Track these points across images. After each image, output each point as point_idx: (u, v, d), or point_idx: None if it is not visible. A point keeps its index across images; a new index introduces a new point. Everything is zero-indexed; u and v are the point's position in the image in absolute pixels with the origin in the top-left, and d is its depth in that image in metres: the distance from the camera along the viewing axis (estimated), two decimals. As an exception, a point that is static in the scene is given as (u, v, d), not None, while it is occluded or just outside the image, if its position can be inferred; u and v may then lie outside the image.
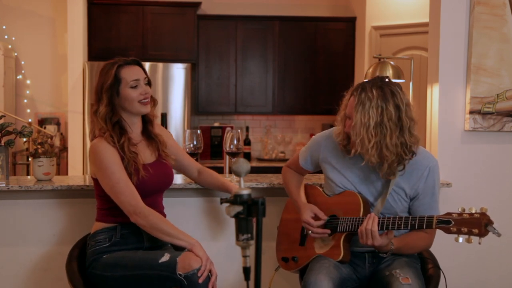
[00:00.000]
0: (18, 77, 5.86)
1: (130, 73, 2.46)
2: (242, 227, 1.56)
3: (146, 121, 2.59)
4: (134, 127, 2.55)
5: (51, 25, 5.88)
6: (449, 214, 2.18)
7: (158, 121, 2.73)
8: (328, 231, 2.46)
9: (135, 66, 2.51)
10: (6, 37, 5.79)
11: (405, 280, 2.25)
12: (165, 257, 2.31)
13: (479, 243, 2.12)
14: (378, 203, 2.40)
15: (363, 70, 5.52)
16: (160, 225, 2.38)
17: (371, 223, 2.26)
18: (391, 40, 5.52)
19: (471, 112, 3.18)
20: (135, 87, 2.46)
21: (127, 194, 2.38)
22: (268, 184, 2.93)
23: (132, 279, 2.35)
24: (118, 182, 2.39)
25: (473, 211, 2.14)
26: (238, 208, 1.55)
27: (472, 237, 2.12)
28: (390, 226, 2.28)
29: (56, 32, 5.89)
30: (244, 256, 1.57)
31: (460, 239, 2.14)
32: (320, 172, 2.65)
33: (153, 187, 2.51)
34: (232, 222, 2.65)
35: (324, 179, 2.61)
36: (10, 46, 5.75)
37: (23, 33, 5.84)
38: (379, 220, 2.28)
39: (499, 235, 2.09)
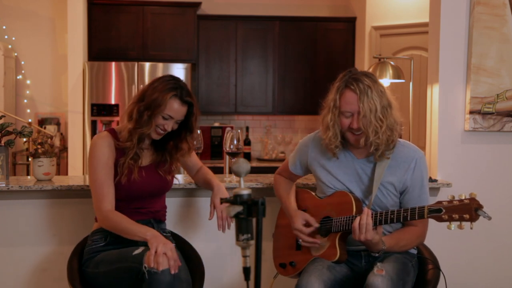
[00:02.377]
0: (18, 77, 5.86)
1: (171, 108, 2.47)
2: (242, 227, 1.56)
3: (170, 136, 2.57)
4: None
5: (51, 25, 5.88)
6: (439, 202, 2.19)
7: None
8: (318, 242, 2.46)
9: (184, 106, 2.51)
10: (6, 37, 5.79)
11: (379, 271, 2.27)
12: (138, 250, 2.32)
13: (471, 228, 2.13)
14: (369, 199, 2.41)
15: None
16: (119, 226, 2.40)
17: (365, 218, 2.26)
18: (391, 40, 5.52)
19: (471, 112, 3.18)
20: (165, 119, 2.48)
21: (97, 195, 2.43)
22: (268, 184, 2.93)
23: (113, 273, 2.36)
24: (94, 181, 2.44)
25: (463, 197, 2.15)
26: (238, 208, 1.55)
27: (463, 223, 2.13)
28: (383, 220, 2.28)
29: (56, 32, 5.89)
30: (244, 256, 1.57)
31: (453, 227, 2.15)
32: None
33: (143, 190, 2.51)
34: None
35: (315, 182, 2.61)
36: (10, 46, 5.75)
37: (23, 33, 5.84)
38: (372, 214, 2.29)
39: (489, 218, 2.10)
